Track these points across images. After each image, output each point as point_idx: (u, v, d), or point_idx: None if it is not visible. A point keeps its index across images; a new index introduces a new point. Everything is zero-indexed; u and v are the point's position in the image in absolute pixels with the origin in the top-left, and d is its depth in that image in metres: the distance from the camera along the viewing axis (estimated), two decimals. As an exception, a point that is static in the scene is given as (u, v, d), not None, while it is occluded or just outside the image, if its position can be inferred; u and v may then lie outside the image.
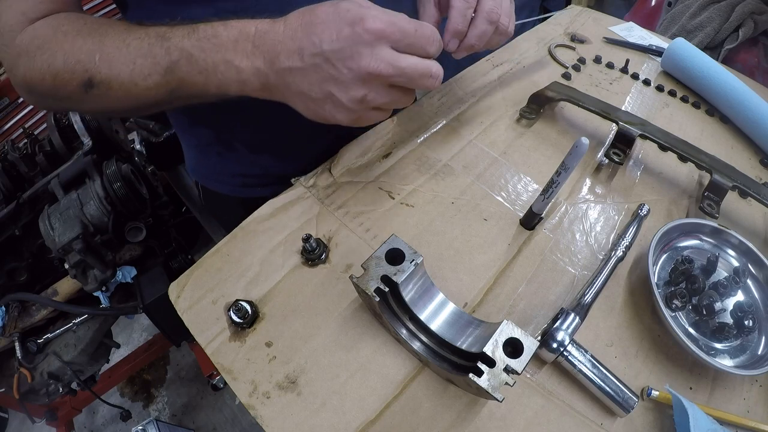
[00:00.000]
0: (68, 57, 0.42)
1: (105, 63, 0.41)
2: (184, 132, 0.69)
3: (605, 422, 0.39)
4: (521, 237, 0.49)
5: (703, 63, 0.72)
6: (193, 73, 0.40)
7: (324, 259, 0.46)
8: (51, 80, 0.43)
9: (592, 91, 0.68)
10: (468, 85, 0.66)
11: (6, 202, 0.87)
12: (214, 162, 0.68)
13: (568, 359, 0.39)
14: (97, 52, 0.41)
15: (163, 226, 1.08)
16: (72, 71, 0.42)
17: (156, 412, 1.56)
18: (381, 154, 0.55)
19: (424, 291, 0.39)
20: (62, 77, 0.42)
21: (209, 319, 0.42)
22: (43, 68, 0.42)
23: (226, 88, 0.41)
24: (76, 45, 0.42)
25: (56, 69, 0.42)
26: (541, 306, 0.45)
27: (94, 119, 0.95)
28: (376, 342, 0.41)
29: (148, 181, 1.00)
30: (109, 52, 0.41)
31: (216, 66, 0.40)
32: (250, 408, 0.37)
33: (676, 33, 1.14)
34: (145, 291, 0.93)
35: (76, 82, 0.42)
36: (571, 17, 0.87)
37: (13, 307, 0.90)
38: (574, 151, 0.39)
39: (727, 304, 0.46)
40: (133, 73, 0.41)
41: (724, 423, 0.39)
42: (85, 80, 0.42)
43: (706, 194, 0.53)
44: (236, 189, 0.69)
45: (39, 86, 0.44)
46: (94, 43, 0.42)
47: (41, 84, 0.44)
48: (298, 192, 0.51)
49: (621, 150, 0.57)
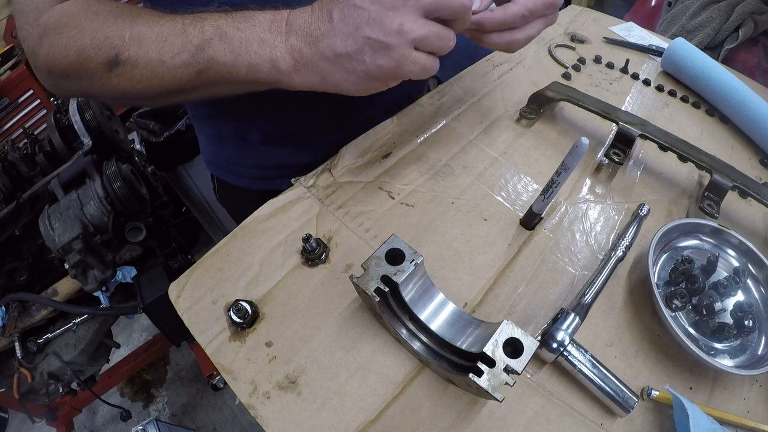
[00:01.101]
0: (97, 34, 0.41)
1: (135, 40, 0.41)
2: (203, 122, 0.69)
3: (605, 422, 0.39)
4: (521, 237, 0.49)
5: (703, 63, 0.72)
6: (225, 52, 0.40)
7: (324, 259, 0.46)
8: (75, 56, 0.42)
9: (592, 91, 0.68)
10: (468, 85, 0.66)
11: (6, 202, 0.87)
12: (232, 153, 0.68)
13: (568, 359, 0.39)
14: (128, 30, 0.41)
15: (163, 226, 1.08)
16: (99, 47, 0.41)
17: (156, 412, 1.56)
18: (381, 154, 0.55)
19: (424, 291, 0.39)
20: (87, 53, 0.42)
21: (209, 319, 0.42)
22: (68, 44, 0.42)
23: (257, 69, 0.40)
24: (107, 23, 0.42)
25: (82, 45, 0.42)
26: (541, 306, 0.45)
27: (94, 119, 0.95)
28: (376, 342, 0.41)
29: (148, 181, 1.00)
30: (140, 30, 0.41)
31: (249, 44, 0.40)
32: (250, 408, 0.37)
33: (676, 33, 1.14)
34: (145, 291, 0.93)
35: (102, 59, 0.41)
36: (571, 17, 0.87)
37: (13, 307, 0.90)
38: (574, 151, 0.39)
39: (727, 304, 0.46)
40: (162, 50, 0.40)
41: (724, 423, 0.39)
42: (111, 57, 0.41)
43: (706, 194, 0.53)
44: (253, 181, 0.69)
45: (60, 63, 0.43)
46: (125, 22, 0.42)
47: (63, 60, 0.43)
48: (297, 192, 0.51)
49: (621, 150, 0.57)
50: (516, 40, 0.47)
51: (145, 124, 1.36)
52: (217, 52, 0.40)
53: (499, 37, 0.46)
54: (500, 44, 0.47)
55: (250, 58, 0.40)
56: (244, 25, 0.40)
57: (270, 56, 0.40)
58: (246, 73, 0.41)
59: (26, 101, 1.51)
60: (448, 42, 0.40)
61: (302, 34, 0.39)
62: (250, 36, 0.40)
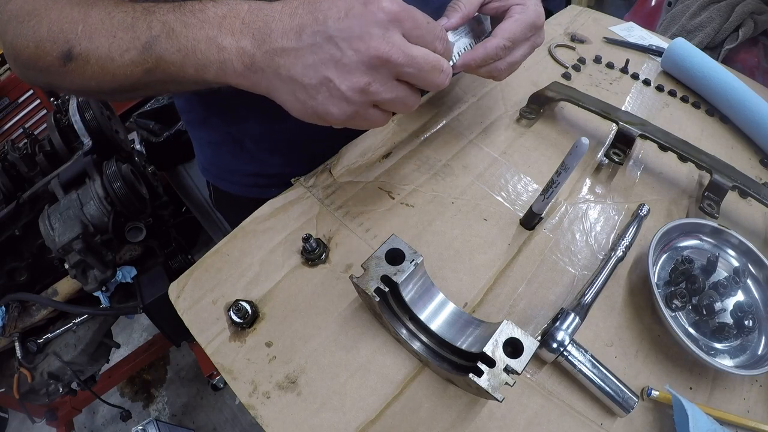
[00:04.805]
0: (53, 25, 0.39)
1: (86, 34, 0.38)
2: (196, 128, 0.67)
3: (605, 422, 0.39)
4: (521, 237, 0.49)
5: (703, 63, 0.72)
6: (172, 51, 0.37)
7: (324, 259, 0.46)
8: (33, 48, 0.40)
9: (592, 91, 0.68)
10: (468, 84, 0.66)
11: (6, 202, 0.87)
12: (227, 161, 0.67)
13: (568, 359, 0.39)
14: (81, 23, 0.39)
15: (163, 226, 1.08)
16: (54, 40, 0.39)
17: (156, 412, 1.56)
18: (381, 154, 0.55)
19: (424, 291, 0.39)
20: (44, 46, 0.40)
21: (209, 319, 0.42)
22: (28, 34, 0.40)
23: (204, 70, 0.37)
24: (63, 13, 0.39)
25: (40, 37, 0.40)
26: (541, 306, 0.45)
27: (94, 119, 0.95)
28: (376, 342, 0.41)
29: (148, 181, 1.00)
30: (92, 23, 0.39)
31: (197, 43, 0.36)
32: (250, 408, 0.37)
33: (676, 33, 1.14)
34: (145, 291, 0.93)
35: (56, 53, 0.39)
36: (571, 17, 0.87)
37: (13, 307, 0.90)
38: (574, 151, 0.39)
39: (727, 304, 0.46)
40: (111, 48, 0.38)
41: (724, 423, 0.39)
42: (65, 51, 0.39)
43: (706, 194, 0.53)
44: (249, 189, 0.68)
45: (22, 54, 0.42)
46: (80, 12, 0.39)
47: (25, 51, 0.41)
48: (298, 192, 0.51)
49: (621, 150, 0.57)
50: (498, 69, 0.47)
51: (145, 124, 1.36)
52: (164, 50, 0.37)
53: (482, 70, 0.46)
54: (483, 74, 0.47)
55: (197, 59, 0.37)
56: (192, 21, 0.37)
57: (217, 58, 0.36)
58: (194, 74, 0.38)
59: (26, 101, 1.51)
60: (411, 108, 0.39)
61: (259, 38, 0.35)
62: (198, 34, 0.36)
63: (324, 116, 0.37)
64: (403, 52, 0.35)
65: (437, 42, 0.38)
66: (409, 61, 0.35)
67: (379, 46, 0.34)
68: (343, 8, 0.34)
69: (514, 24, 0.45)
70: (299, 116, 0.38)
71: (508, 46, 0.45)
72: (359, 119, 0.38)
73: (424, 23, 0.37)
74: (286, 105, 0.38)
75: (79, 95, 0.92)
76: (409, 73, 0.36)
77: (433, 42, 0.37)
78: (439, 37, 0.38)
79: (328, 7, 0.34)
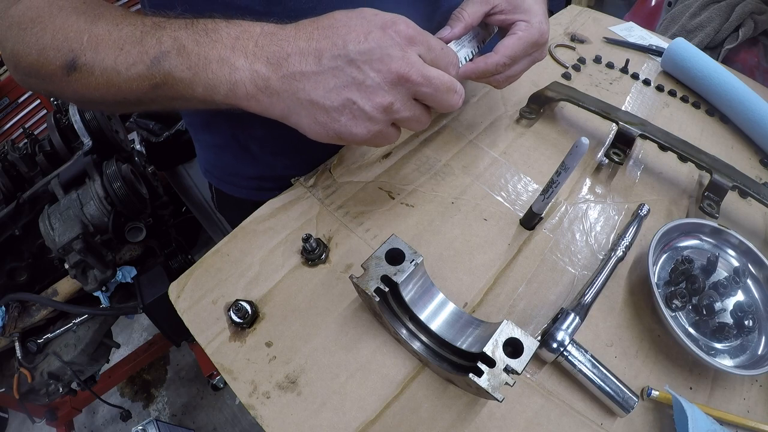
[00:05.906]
0: (57, 33, 0.39)
1: (92, 45, 0.38)
2: (199, 131, 0.67)
3: (605, 422, 0.39)
4: (521, 237, 0.49)
5: (703, 63, 0.72)
6: (182, 68, 0.36)
7: (324, 259, 0.46)
8: (36, 56, 0.40)
9: (592, 91, 0.68)
10: (468, 85, 0.66)
11: (6, 202, 0.87)
12: (230, 164, 0.67)
13: (568, 359, 0.39)
14: (87, 33, 0.38)
15: (163, 226, 1.08)
16: (58, 49, 0.39)
17: (156, 412, 1.56)
18: (381, 154, 0.55)
19: (424, 291, 0.39)
20: (47, 54, 0.39)
21: (209, 319, 0.42)
22: (31, 42, 0.40)
23: (213, 90, 0.37)
24: (68, 22, 0.39)
25: (43, 45, 0.39)
26: (541, 306, 0.45)
27: (94, 119, 0.95)
28: (376, 342, 0.41)
29: (148, 181, 1.01)
30: (98, 34, 0.38)
31: (208, 63, 0.36)
32: (250, 408, 0.37)
33: (676, 33, 1.14)
34: (145, 291, 0.93)
35: (60, 62, 0.39)
36: (571, 17, 0.87)
37: (13, 307, 0.90)
38: (574, 151, 0.39)
39: (727, 304, 0.46)
40: (118, 59, 0.37)
41: (724, 423, 0.39)
42: (69, 61, 0.38)
43: (706, 194, 0.53)
44: (251, 192, 0.68)
45: (24, 61, 0.41)
46: (87, 22, 0.39)
47: (26, 58, 0.41)
48: (298, 192, 0.51)
49: (621, 150, 0.57)
50: (496, 80, 0.49)
51: (145, 124, 1.36)
52: (174, 67, 0.37)
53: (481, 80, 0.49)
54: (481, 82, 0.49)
55: (207, 78, 0.36)
56: (204, 39, 0.36)
57: (228, 78, 0.36)
58: (203, 93, 0.37)
59: (26, 101, 1.51)
60: (424, 126, 0.41)
61: (274, 62, 0.36)
62: (210, 53, 0.36)
63: (346, 137, 0.38)
64: (421, 72, 0.36)
65: (450, 67, 0.40)
66: (427, 82, 0.37)
67: (399, 66, 0.36)
68: (362, 33, 0.35)
69: (516, 42, 0.47)
70: (317, 138, 0.39)
71: (507, 64, 0.47)
72: (380, 137, 0.39)
73: (438, 48, 0.39)
74: (302, 128, 0.39)
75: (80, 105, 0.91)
76: (426, 92, 0.37)
77: (447, 67, 0.39)
78: (453, 63, 0.40)
79: (346, 32, 0.35)
